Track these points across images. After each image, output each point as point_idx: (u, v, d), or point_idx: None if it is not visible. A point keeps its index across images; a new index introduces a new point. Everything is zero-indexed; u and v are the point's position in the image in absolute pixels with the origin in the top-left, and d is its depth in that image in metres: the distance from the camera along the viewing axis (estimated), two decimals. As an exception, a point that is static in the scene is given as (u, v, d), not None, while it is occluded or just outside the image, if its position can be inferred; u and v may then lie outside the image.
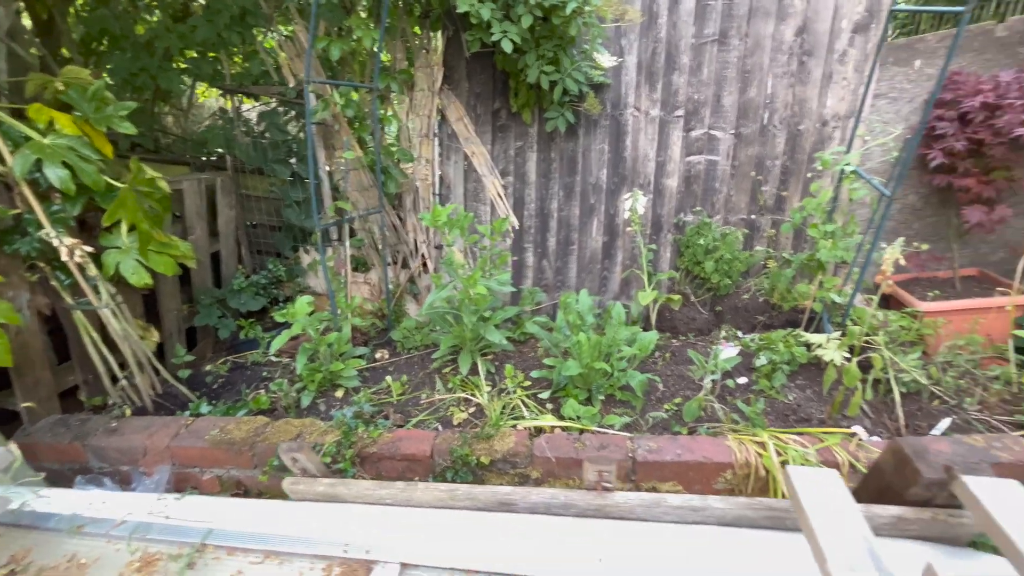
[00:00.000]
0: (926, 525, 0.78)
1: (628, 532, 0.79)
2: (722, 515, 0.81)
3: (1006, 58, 2.67)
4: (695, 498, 0.83)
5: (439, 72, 3.03)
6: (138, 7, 3.11)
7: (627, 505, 0.84)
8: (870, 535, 0.63)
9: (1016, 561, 0.64)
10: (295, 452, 1.07)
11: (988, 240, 3.06)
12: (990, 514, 0.69)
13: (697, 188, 3.17)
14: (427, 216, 2.16)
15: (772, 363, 2.18)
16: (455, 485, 0.91)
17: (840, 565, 0.59)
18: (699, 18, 2.92)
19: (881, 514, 0.78)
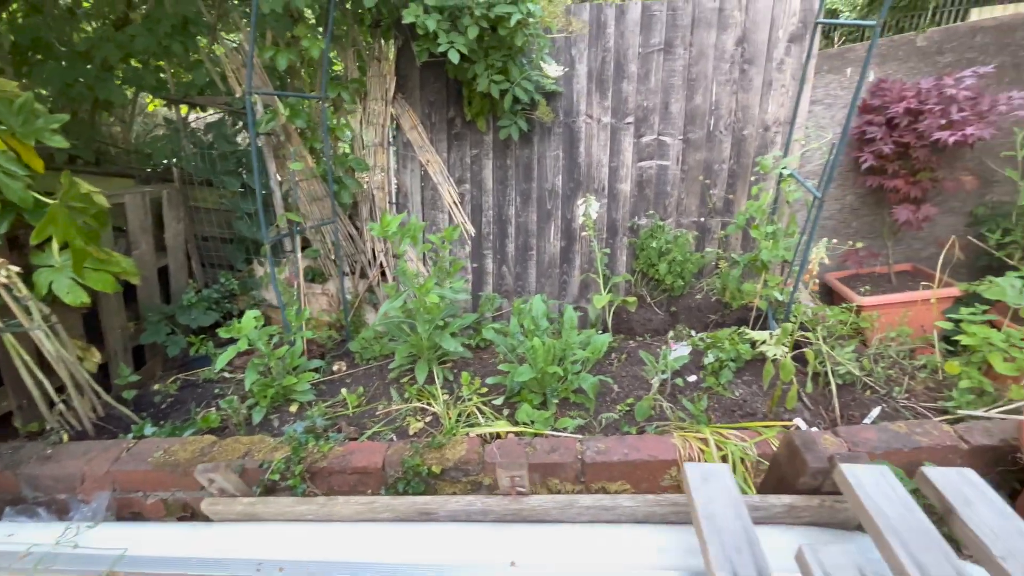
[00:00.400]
0: (815, 511, 0.83)
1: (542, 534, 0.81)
2: (632, 512, 0.84)
3: (927, 66, 2.85)
4: (605, 498, 0.86)
5: (392, 81, 3.02)
6: (76, 15, 3.00)
7: (542, 508, 0.86)
8: (749, 524, 0.67)
9: (876, 538, 0.69)
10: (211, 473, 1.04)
11: (919, 237, 3.24)
12: (857, 496, 0.74)
13: (649, 192, 3.25)
14: (376, 226, 2.15)
15: (719, 361, 2.26)
16: (374, 497, 0.91)
17: (718, 553, 0.63)
18: (645, 28, 3.01)
19: (775, 503, 0.83)
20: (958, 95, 2.46)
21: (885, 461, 1.62)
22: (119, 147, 3.20)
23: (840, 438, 1.67)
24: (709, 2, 2.97)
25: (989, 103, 2.44)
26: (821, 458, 0.84)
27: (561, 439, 1.78)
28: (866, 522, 0.71)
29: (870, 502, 0.73)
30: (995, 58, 2.71)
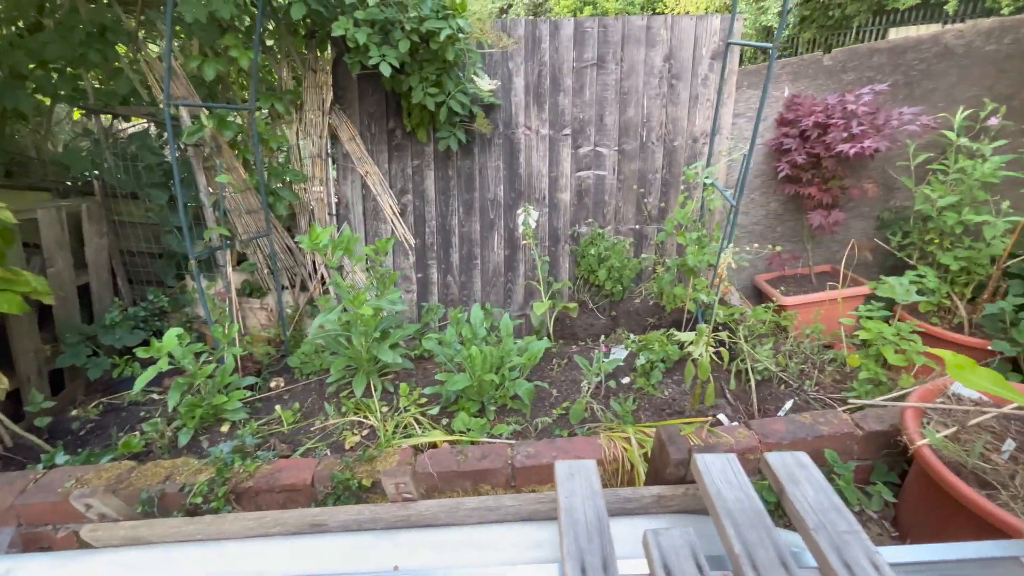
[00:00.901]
0: (681, 500, 0.90)
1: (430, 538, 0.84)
2: (516, 511, 0.87)
3: (833, 83, 3.10)
4: (490, 499, 0.89)
5: (328, 92, 3.00)
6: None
7: (429, 512, 0.88)
8: (604, 515, 0.72)
9: (715, 519, 0.76)
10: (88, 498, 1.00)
11: (836, 239, 3.49)
12: (704, 482, 0.81)
13: (589, 201, 3.36)
14: (305, 239, 2.12)
15: (650, 362, 2.35)
16: (264, 512, 0.90)
17: (570, 543, 0.67)
18: (578, 44, 3.12)
19: (645, 494, 0.89)
20: (858, 110, 2.69)
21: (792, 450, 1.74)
22: (34, 159, 3.02)
23: (752, 431, 1.78)
24: (637, 20, 3.13)
25: (884, 118, 2.68)
26: (683, 450, 0.91)
27: (493, 445, 1.81)
28: (709, 506, 0.78)
29: (713, 488, 0.79)
30: (890, 76, 2.97)
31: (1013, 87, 2.83)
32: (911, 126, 2.59)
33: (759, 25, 14.59)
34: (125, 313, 2.88)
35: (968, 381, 1.25)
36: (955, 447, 1.42)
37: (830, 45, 13.72)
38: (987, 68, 2.84)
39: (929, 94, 2.96)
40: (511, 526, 0.85)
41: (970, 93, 2.90)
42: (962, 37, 2.83)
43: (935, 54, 2.89)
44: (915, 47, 2.90)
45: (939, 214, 2.65)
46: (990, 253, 2.57)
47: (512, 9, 19.28)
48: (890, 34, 12.25)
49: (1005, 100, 2.85)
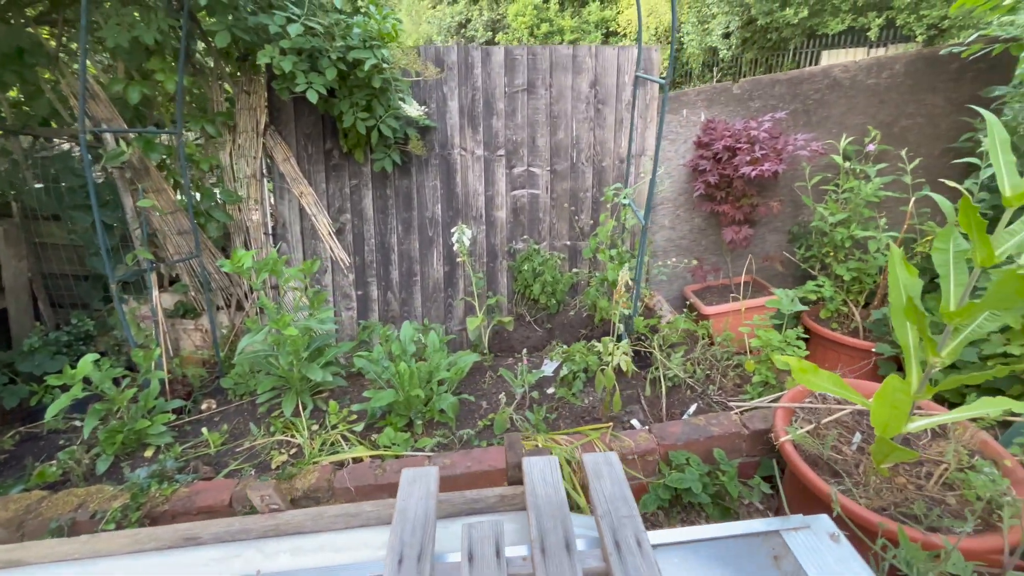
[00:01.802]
0: (520, 498, 1.01)
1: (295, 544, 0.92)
2: (377, 516, 0.96)
3: (743, 110, 3.38)
4: (351, 506, 0.98)
5: (263, 114, 3.03)
6: None
7: (295, 521, 0.96)
8: (432, 514, 0.82)
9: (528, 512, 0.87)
10: None
11: (755, 251, 3.77)
12: (526, 481, 0.93)
13: (524, 218, 3.51)
14: (227, 263, 2.15)
15: (572, 372, 2.49)
16: (139, 529, 0.95)
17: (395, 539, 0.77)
18: (509, 70, 3.29)
19: (489, 495, 1.00)
20: (759, 135, 2.95)
21: (687, 451, 1.90)
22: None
23: (652, 434, 1.93)
24: (564, 49, 3.32)
25: (783, 143, 2.95)
26: (519, 454, 1.02)
27: (411, 459, 1.89)
28: (527, 501, 0.89)
29: (531, 486, 0.91)
30: (790, 105, 3.27)
31: (892, 115, 3.17)
32: (803, 151, 2.87)
33: (704, 46, 15.35)
34: (46, 338, 2.80)
35: (812, 384, 1.43)
36: (814, 441, 1.61)
37: (770, 65, 14.64)
38: (871, 99, 3.18)
39: (824, 120, 3.28)
40: (372, 529, 0.94)
41: (858, 120, 3.23)
42: (847, 71, 3.16)
43: (826, 85, 3.21)
44: (809, 79, 3.22)
45: (832, 229, 2.93)
46: (876, 264, 2.86)
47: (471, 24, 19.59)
48: (823, 56, 13.21)
49: (886, 127, 3.19)
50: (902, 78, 3.10)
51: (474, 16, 19.41)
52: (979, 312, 1.20)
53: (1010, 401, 1.38)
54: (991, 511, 1.37)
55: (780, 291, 2.40)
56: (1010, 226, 1.18)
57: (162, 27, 2.37)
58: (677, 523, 1.82)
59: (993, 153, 1.14)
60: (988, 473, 1.40)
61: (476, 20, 19.27)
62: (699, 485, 1.73)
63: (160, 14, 2.41)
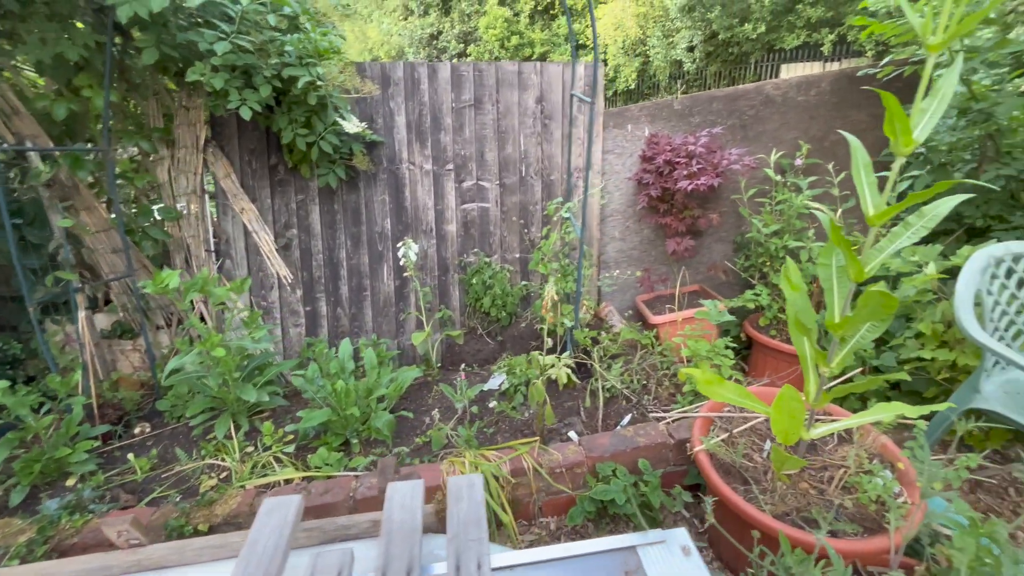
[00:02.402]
0: None
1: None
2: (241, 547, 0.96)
3: (684, 125, 3.49)
4: (216, 538, 0.97)
5: (203, 129, 2.99)
6: None
7: (158, 555, 0.95)
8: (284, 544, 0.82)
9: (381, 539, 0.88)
10: None
11: (702, 260, 3.87)
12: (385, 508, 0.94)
13: (475, 232, 3.53)
14: (149, 284, 2.11)
15: (513, 386, 2.51)
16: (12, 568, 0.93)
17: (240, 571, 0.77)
18: (456, 86, 3.32)
19: (361, 520, 1.01)
20: (697, 150, 3.05)
21: (614, 462, 1.93)
22: None
23: (581, 446, 1.96)
24: (509, 66, 3.38)
25: (719, 157, 3.06)
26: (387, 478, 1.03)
27: (337, 479, 1.87)
28: (382, 527, 0.90)
29: (388, 512, 0.93)
30: (728, 120, 3.40)
31: (822, 131, 3.32)
32: (736, 165, 2.98)
33: (670, 59, 15.76)
34: (-32, 363, 2.68)
35: (716, 395, 1.48)
36: (728, 450, 1.66)
37: (733, 77, 15.12)
38: (802, 114, 3.32)
39: (760, 135, 3.41)
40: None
41: (791, 135, 3.37)
42: (779, 89, 3.30)
43: (761, 102, 3.35)
44: (744, 96, 3.35)
45: (767, 240, 3.04)
46: (809, 273, 2.97)
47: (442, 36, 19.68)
48: (782, 69, 13.74)
49: (818, 141, 3.33)
50: (829, 95, 3.25)
51: (445, 28, 19.54)
52: (857, 324, 1.26)
53: (902, 406, 1.46)
54: (882, 513, 1.43)
55: (708, 302, 2.48)
56: (877, 244, 1.25)
57: (88, 43, 2.33)
58: (605, 533, 1.85)
59: (856, 176, 1.21)
60: (882, 476, 1.47)
61: (448, 32, 19.40)
62: (623, 496, 1.76)
63: (87, 29, 2.36)
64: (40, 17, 2.36)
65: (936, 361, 2.27)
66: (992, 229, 2.73)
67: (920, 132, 1.10)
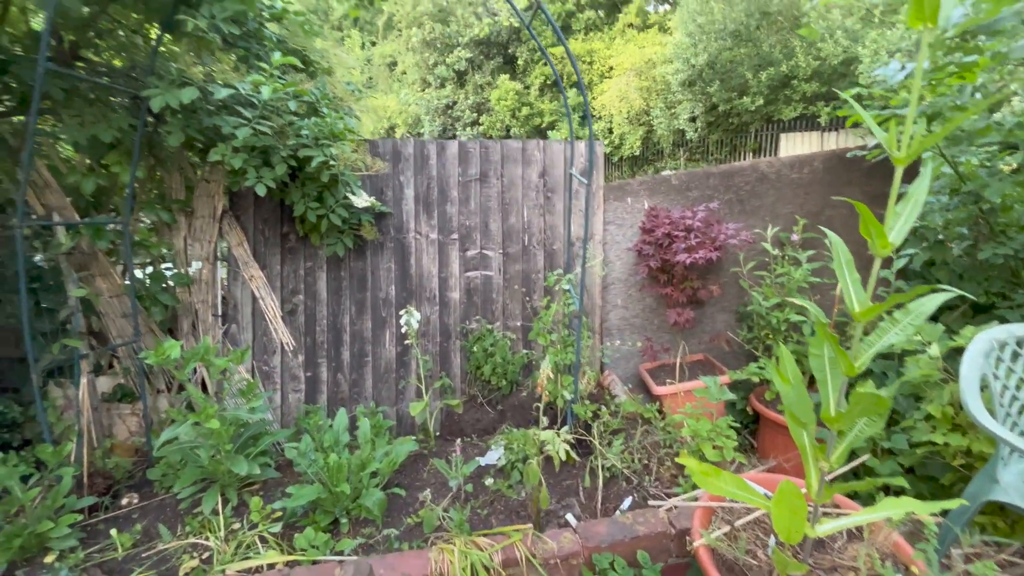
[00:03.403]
0: None
1: None
2: None
3: (681, 198, 3.60)
4: None
5: (220, 200, 3.15)
6: None
7: None
8: None
9: None
10: None
11: (705, 331, 3.85)
12: None
13: (478, 299, 3.57)
14: (151, 354, 2.14)
15: (510, 462, 2.43)
16: None
17: None
18: (463, 161, 3.50)
19: None
20: (694, 224, 3.13)
21: (612, 552, 1.83)
22: None
23: (577, 535, 1.86)
24: (514, 143, 3.57)
25: (716, 231, 3.13)
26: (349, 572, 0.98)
27: (321, 566, 1.78)
28: None
29: None
30: (725, 195, 3.50)
31: (818, 206, 3.40)
32: (734, 240, 3.04)
33: (673, 128, 16.48)
34: (-32, 426, 2.68)
35: (714, 488, 1.42)
36: (729, 545, 1.57)
37: (735, 145, 15.72)
38: (797, 191, 3.42)
39: (757, 209, 3.50)
40: None
41: (788, 209, 3.46)
42: (772, 167, 3.42)
43: (756, 178, 3.46)
44: (740, 172, 3.47)
45: (768, 313, 3.03)
46: (813, 347, 2.93)
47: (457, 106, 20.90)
48: (781, 138, 14.28)
49: (814, 216, 3.41)
50: (822, 174, 3.36)
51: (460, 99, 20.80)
52: (852, 419, 1.23)
53: (912, 502, 1.39)
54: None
55: (708, 379, 2.44)
56: (865, 338, 1.25)
57: (122, 126, 2.52)
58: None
59: (840, 272, 1.24)
60: (895, 582, 1.37)
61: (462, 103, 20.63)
62: (621, 593, 1.65)
63: (122, 113, 2.57)
64: (81, 101, 2.58)
65: (950, 446, 2.18)
66: (996, 306, 2.71)
67: (895, 235, 1.14)
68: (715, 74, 13.05)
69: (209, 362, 2.27)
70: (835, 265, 1.25)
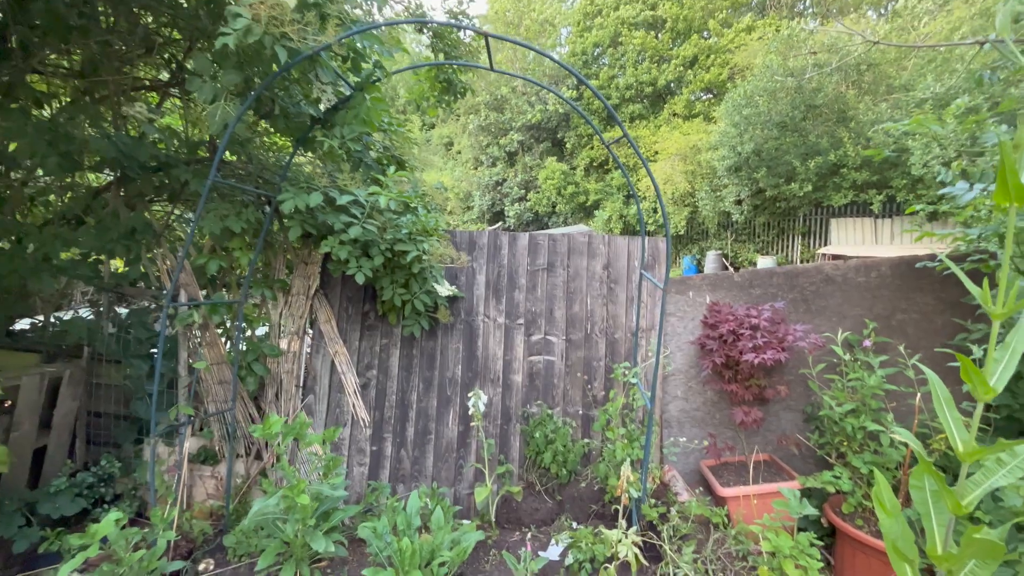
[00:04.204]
0: None
1: None
2: None
3: (744, 295, 3.67)
4: None
5: (315, 280, 3.49)
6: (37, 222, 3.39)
7: None
8: None
9: None
10: None
11: (770, 429, 3.74)
12: None
13: (539, 383, 3.67)
14: (258, 428, 2.34)
15: (577, 562, 2.40)
16: None
17: None
18: (532, 252, 3.75)
19: None
20: (760, 323, 3.17)
21: None
22: (38, 323, 3.35)
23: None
24: (580, 237, 3.81)
25: (783, 331, 3.15)
26: None
27: (401, 661, 1.80)
28: None
29: None
30: (789, 294, 3.55)
31: (887, 309, 3.38)
32: (803, 342, 3.05)
33: (718, 210, 16.70)
34: (72, 479, 2.92)
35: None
36: None
37: (782, 228, 15.67)
38: (864, 294, 3.43)
39: (823, 310, 3.51)
40: None
41: (855, 311, 3.45)
42: (838, 270, 3.47)
43: (821, 280, 3.51)
44: (804, 273, 3.54)
45: (842, 419, 2.95)
46: (893, 459, 2.81)
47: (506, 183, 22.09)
48: (831, 224, 14.17)
49: (884, 319, 3.38)
50: (890, 279, 3.38)
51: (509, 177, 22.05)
52: (963, 561, 1.22)
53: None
54: None
55: (786, 489, 2.38)
56: (971, 477, 1.26)
57: (250, 219, 2.92)
58: None
59: (940, 410, 1.27)
60: None
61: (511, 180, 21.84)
62: None
63: (251, 208, 2.98)
64: (218, 197, 3.02)
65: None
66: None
67: (996, 381, 1.19)
68: (761, 161, 13.36)
69: (302, 436, 2.44)
70: (935, 405, 1.29)
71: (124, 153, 2.68)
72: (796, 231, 15.08)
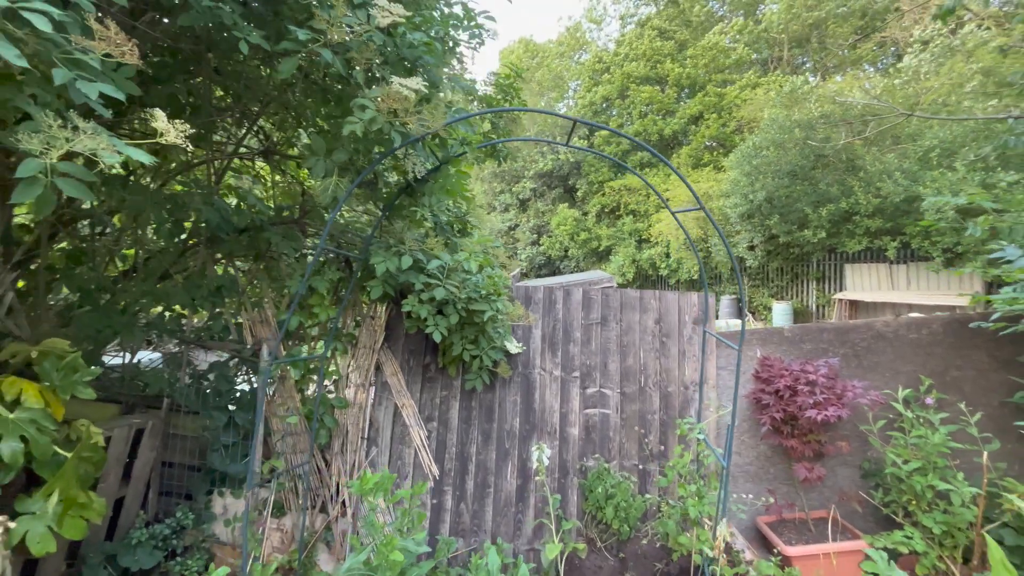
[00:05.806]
0: None
1: None
2: None
3: (795, 350, 3.77)
4: None
5: (381, 334, 3.64)
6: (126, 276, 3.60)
7: None
8: None
9: None
10: None
11: (827, 485, 3.74)
12: None
13: (595, 436, 3.72)
14: (355, 484, 2.41)
15: (663, 625, 2.39)
16: None
17: None
18: (585, 307, 3.90)
19: None
20: (818, 379, 3.26)
21: None
22: (118, 374, 3.49)
23: None
24: (632, 292, 3.96)
25: (841, 388, 3.23)
26: None
27: None
28: None
29: None
30: (840, 349, 3.65)
31: (941, 366, 3.46)
32: (863, 399, 3.12)
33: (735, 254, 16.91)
34: (149, 530, 2.97)
35: None
36: None
37: (796, 272, 15.80)
38: (916, 350, 3.53)
39: (875, 365, 3.60)
40: None
41: (908, 367, 3.53)
42: (888, 326, 3.59)
43: (872, 336, 3.62)
44: (855, 329, 3.65)
45: (908, 477, 2.98)
46: (965, 519, 2.82)
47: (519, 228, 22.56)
48: (846, 269, 14.30)
49: (938, 376, 3.45)
50: (942, 336, 3.48)
51: (522, 222, 22.57)
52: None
53: None
54: None
55: (875, 554, 2.39)
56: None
57: (332, 279, 3.10)
58: None
59: None
60: None
61: (524, 226, 22.34)
62: None
63: (332, 268, 3.17)
64: (303, 258, 3.23)
65: None
66: None
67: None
68: (773, 208, 13.66)
69: (387, 491, 2.51)
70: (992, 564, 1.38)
71: (224, 219, 2.90)
72: (810, 276, 15.21)
